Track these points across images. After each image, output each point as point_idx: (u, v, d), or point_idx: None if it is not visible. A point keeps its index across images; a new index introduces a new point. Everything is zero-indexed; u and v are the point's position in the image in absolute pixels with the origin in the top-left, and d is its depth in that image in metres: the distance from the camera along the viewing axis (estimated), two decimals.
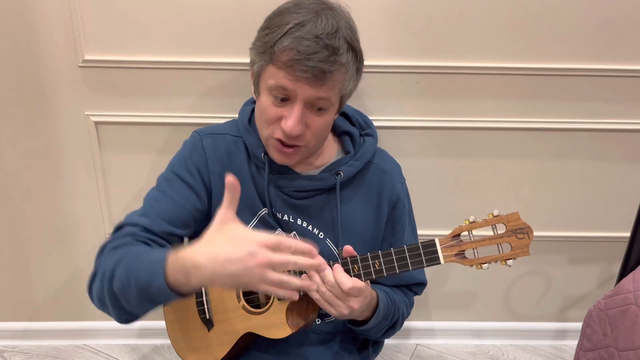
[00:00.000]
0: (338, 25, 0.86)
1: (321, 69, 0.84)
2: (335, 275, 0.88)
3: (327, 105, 0.90)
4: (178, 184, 1.00)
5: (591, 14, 1.23)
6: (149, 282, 0.78)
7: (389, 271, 0.90)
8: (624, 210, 1.44)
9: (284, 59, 0.84)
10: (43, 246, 1.50)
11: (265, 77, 0.90)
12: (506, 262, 0.85)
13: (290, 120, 0.88)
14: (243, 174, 1.02)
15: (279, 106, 0.90)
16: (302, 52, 0.83)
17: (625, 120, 1.35)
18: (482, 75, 1.29)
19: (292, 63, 0.84)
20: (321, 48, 0.83)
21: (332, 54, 0.84)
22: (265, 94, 0.91)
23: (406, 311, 1.10)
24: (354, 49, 0.89)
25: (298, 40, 0.83)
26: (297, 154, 0.95)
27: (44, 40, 1.23)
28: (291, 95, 0.88)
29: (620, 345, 1.13)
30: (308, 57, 0.83)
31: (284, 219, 1.03)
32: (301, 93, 0.87)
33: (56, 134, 1.35)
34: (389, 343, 1.64)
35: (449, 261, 0.86)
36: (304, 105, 0.88)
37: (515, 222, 0.85)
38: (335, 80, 0.87)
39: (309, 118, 0.90)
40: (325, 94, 0.88)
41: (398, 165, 1.12)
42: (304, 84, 0.85)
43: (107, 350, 1.61)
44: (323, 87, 0.86)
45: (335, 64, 0.85)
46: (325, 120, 0.93)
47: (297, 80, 0.85)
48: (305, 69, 0.83)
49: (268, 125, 0.92)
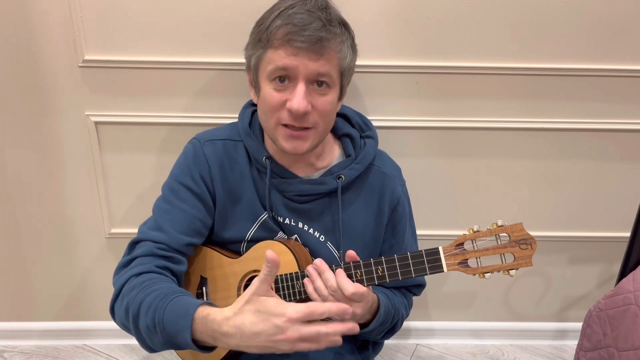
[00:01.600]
0: (327, 3, 0.90)
1: (318, 36, 0.85)
2: (338, 280, 0.88)
3: (329, 80, 0.90)
4: (185, 194, 1.00)
5: (591, 14, 1.23)
6: (175, 335, 0.79)
7: (392, 277, 0.90)
8: (624, 210, 1.44)
9: (280, 36, 0.86)
10: (43, 246, 1.50)
11: (263, 65, 0.90)
12: (509, 272, 0.86)
13: (295, 98, 0.88)
14: (244, 179, 1.02)
15: (281, 90, 0.90)
16: (297, 24, 0.85)
17: (625, 120, 1.35)
18: (482, 75, 1.29)
19: (289, 37, 0.85)
20: (315, 19, 0.86)
21: (326, 23, 0.86)
22: (266, 84, 0.91)
23: (405, 313, 1.10)
24: (346, 25, 0.91)
25: (291, 16, 0.85)
26: (308, 137, 0.93)
27: (44, 40, 1.24)
28: (292, 74, 0.88)
29: (620, 345, 1.13)
30: (304, 28, 0.85)
31: (285, 222, 1.03)
32: (302, 68, 0.87)
33: (56, 134, 1.35)
34: (389, 343, 1.64)
35: (452, 269, 0.87)
36: (305, 82, 0.89)
37: (519, 232, 0.85)
38: (332, 49, 0.88)
39: (313, 97, 0.90)
40: (325, 68, 0.88)
41: (398, 167, 1.12)
42: (303, 57, 0.86)
43: (107, 350, 1.61)
44: (322, 57, 0.87)
45: (330, 32, 0.87)
46: (329, 100, 0.92)
47: (296, 53, 0.86)
48: (302, 39, 0.85)
49: (273, 113, 0.92)
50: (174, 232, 0.96)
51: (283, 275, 0.96)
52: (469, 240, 0.86)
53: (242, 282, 1.01)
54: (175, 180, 1.02)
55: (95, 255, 1.51)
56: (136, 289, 0.87)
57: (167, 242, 0.95)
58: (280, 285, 0.96)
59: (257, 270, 1.00)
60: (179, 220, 0.98)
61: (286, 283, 0.96)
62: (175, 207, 0.99)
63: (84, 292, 1.57)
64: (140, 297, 0.85)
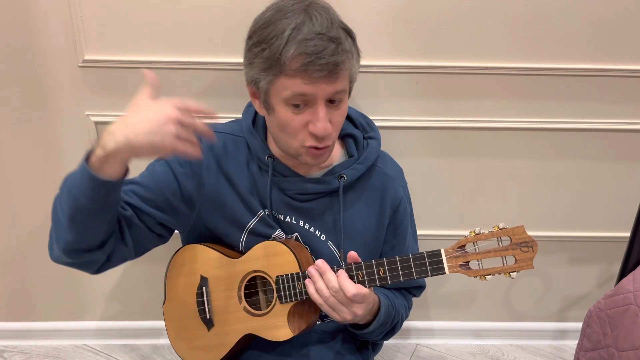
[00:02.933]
0: (330, 16, 0.87)
1: (334, 62, 0.84)
2: (340, 281, 0.88)
3: (343, 96, 0.91)
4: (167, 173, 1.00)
5: (591, 14, 1.23)
6: (74, 172, 0.86)
7: (393, 279, 0.90)
8: (624, 210, 1.44)
9: (296, 66, 0.84)
10: (43, 246, 1.50)
11: (277, 90, 0.88)
12: (510, 275, 0.86)
13: (320, 123, 0.88)
14: (241, 174, 1.02)
15: (300, 113, 0.89)
16: (312, 53, 0.83)
17: (625, 120, 1.35)
18: (482, 75, 1.29)
19: (305, 67, 0.83)
20: (327, 42, 0.84)
21: (337, 44, 0.85)
22: (281, 107, 0.89)
23: (405, 314, 1.11)
24: (348, 32, 0.90)
25: (303, 43, 0.83)
26: (327, 151, 0.95)
27: (44, 40, 1.23)
28: (311, 99, 0.87)
29: (620, 345, 1.13)
30: (319, 56, 0.83)
31: (286, 221, 1.03)
32: (321, 93, 0.86)
33: (56, 134, 1.35)
34: (388, 343, 1.64)
35: (454, 271, 0.87)
36: (325, 104, 0.88)
37: (520, 235, 0.85)
38: (347, 68, 0.88)
39: (331, 115, 0.90)
40: (341, 87, 0.88)
41: (400, 168, 1.12)
42: (321, 84, 0.85)
43: (107, 350, 1.61)
44: (338, 79, 0.87)
45: (343, 53, 0.85)
46: (343, 111, 0.93)
47: (314, 82, 0.85)
48: (320, 67, 0.83)
49: (295, 135, 0.91)
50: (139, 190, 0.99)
51: (284, 275, 0.96)
52: (471, 242, 0.87)
53: (242, 282, 1.01)
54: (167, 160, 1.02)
55: None
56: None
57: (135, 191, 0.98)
58: (281, 286, 0.96)
59: (258, 271, 0.99)
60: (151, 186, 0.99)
61: (287, 283, 0.96)
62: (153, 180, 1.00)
63: (84, 292, 1.57)
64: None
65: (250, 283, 1.02)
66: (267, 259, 0.98)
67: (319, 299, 0.90)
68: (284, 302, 0.97)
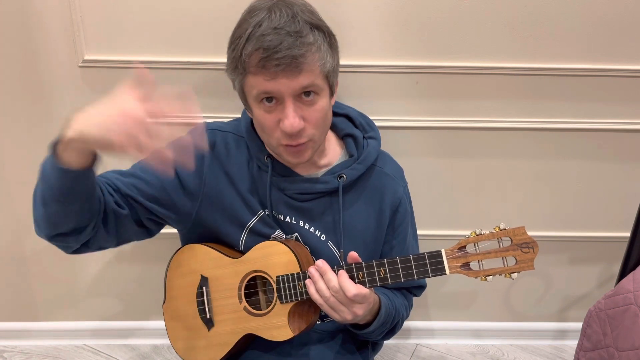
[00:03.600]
0: (293, 11, 0.85)
1: (291, 55, 0.83)
2: (340, 281, 0.88)
3: (315, 89, 0.88)
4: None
5: (591, 14, 1.23)
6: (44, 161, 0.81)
7: (394, 279, 0.90)
8: (624, 210, 1.44)
9: (254, 62, 0.84)
10: (43, 246, 1.50)
11: (247, 90, 0.89)
12: (510, 276, 0.86)
13: (287, 120, 0.87)
14: (242, 173, 1.02)
15: (272, 111, 0.89)
16: (268, 48, 0.82)
17: (625, 120, 1.35)
18: (482, 75, 1.29)
19: (263, 62, 0.83)
20: (284, 37, 0.83)
21: (297, 37, 0.83)
22: (255, 106, 0.90)
23: (405, 314, 1.11)
24: (318, 27, 0.88)
25: (260, 39, 0.83)
26: (307, 149, 0.94)
27: (44, 40, 1.23)
28: (277, 95, 0.87)
29: (620, 345, 1.13)
30: (275, 50, 0.82)
31: (286, 221, 1.03)
32: (284, 89, 0.86)
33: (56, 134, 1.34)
34: (388, 343, 1.64)
35: (454, 272, 0.87)
36: (293, 99, 0.87)
37: (521, 236, 0.85)
38: (310, 62, 0.86)
39: (304, 110, 0.89)
40: (307, 81, 0.86)
41: (400, 168, 1.12)
42: (282, 78, 0.84)
43: (107, 350, 1.61)
44: (301, 73, 0.85)
45: (303, 46, 0.84)
46: (320, 108, 0.91)
47: (274, 77, 0.84)
48: (277, 62, 0.82)
49: (271, 134, 0.91)
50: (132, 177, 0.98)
51: (284, 275, 0.96)
52: (472, 243, 0.87)
53: (242, 282, 1.01)
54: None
55: (95, 255, 1.51)
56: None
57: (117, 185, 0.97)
58: (281, 286, 0.96)
59: (258, 271, 1.00)
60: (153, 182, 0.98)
61: (287, 283, 0.96)
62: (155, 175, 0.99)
63: (84, 292, 1.57)
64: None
65: (250, 283, 1.02)
66: (267, 259, 0.98)
67: (319, 299, 0.90)
68: (284, 302, 0.97)
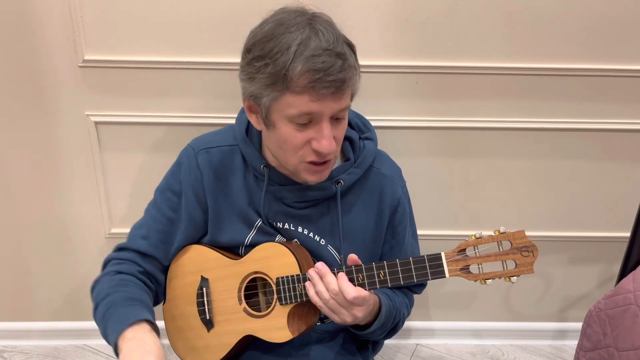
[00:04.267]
0: (334, 30, 0.85)
1: (341, 79, 0.82)
2: (340, 284, 0.88)
3: (347, 112, 0.90)
4: (175, 203, 1.03)
5: (591, 14, 1.23)
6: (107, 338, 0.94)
7: (394, 282, 0.90)
8: (624, 210, 1.44)
9: (304, 83, 0.81)
10: (43, 246, 1.50)
11: (281, 107, 0.85)
12: (510, 279, 0.86)
13: (326, 141, 0.86)
14: (238, 185, 1.02)
15: (304, 130, 0.87)
16: (320, 70, 0.80)
17: (625, 120, 1.35)
18: (482, 75, 1.29)
19: (313, 84, 0.81)
20: (335, 59, 0.81)
21: (344, 60, 0.83)
22: (284, 123, 0.87)
23: (406, 312, 1.10)
24: (351, 46, 0.88)
25: (311, 60, 0.80)
26: (329, 165, 0.94)
27: (44, 40, 1.23)
28: (316, 117, 0.86)
29: (620, 345, 1.13)
30: (327, 73, 0.80)
31: (285, 228, 1.03)
32: (327, 111, 0.85)
33: (56, 134, 1.35)
34: (389, 343, 1.64)
35: (454, 275, 0.87)
36: (330, 120, 0.87)
37: (521, 239, 0.85)
38: (352, 85, 0.87)
39: (334, 130, 0.89)
40: (345, 104, 0.87)
41: (398, 168, 1.12)
42: (328, 101, 0.84)
43: (107, 350, 1.61)
44: (343, 96, 0.85)
45: (349, 69, 0.84)
46: (344, 126, 0.93)
47: (321, 99, 0.83)
48: (328, 85, 0.81)
49: (296, 152, 0.90)
50: (158, 242, 1.03)
51: (284, 277, 0.96)
52: (471, 246, 0.87)
53: (242, 283, 1.01)
54: (166, 187, 1.04)
55: (95, 255, 1.51)
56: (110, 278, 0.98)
57: (148, 252, 1.02)
58: (281, 287, 0.96)
59: (258, 272, 0.99)
60: (163, 229, 1.03)
61: (287, 285, 0.95)
62: (164, 216, 1.03)
63: (84, 292, 1.56)
64: (106, 291, 0.95)
65: (250, 284, 1.02)
66: (267, 261, 0.98)
67: (319, 302, 0.90)
68: (284, 304, 0.97)
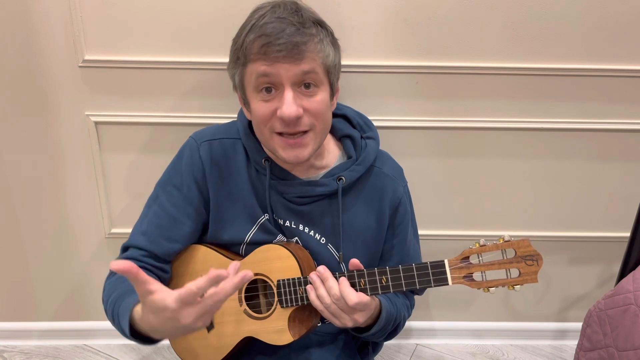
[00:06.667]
0: (296, 7, 0.88)
1: (293, 41, 0.84)
2: (341, 289, 0.88)
3: (315, 79, 0.88)
4: (177, 197, 1.01)
5: (591, 14, 1.23)
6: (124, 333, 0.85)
7: (396, 288, 0.89)
8: (624, 210, 1.44)
9: (256, 49, 0.85)
10: (43, 246, 1.50)
11: (247, 80, 0.90)
12: (514, 287, 0.86)
13: (285, 104, 0.86)
14: (241, 179, 1.02)
15: (269, 100, 0.88)
16: (270, 34, 0.84)
17: (625, 120, 1.35)
18: (482, 75, 1.29)
19: (264, 49, 0.84)
20: (287, 25, 0.84)
21: (300, 27, 0.85)
22: (253, 97, 0.90)
23: (407, 314, 1.10)
24: (321, 24, 0.90)
25: (263, 27, 0.85)
26: (307, 143, 0.92)
27: (44, 40, 1.23)
28: (276, 81, 0.87)
29: (620, 345, 1.13)
30: (277, 36, 0.83)
31: (286, 225, 1.03)
32: (284, 74, 0.86)
33: (56, 134, 1.35)
34: (389, 343, 1.64)
35: (457, 283, 0.86)
36: (291, 87, 0.87)
37: (525, 248, 0.85)
38: (312, 50, 0.86)
39: (303, 100, 0.88)
40: (307, 67, 0.86)
41: (400, 167, 1.12)
42: (283, 63, 0.85)
43: (107, 350, 1.61)
44: (302, 60, 0.85)
45: (305, 34, 0.85)
46: (320, 99, 0.90)
47: (275, 61, 0.85)
48: (278, 47, 0.83)
49: (265, 124, 0.90)
50: (159, 238, 1.00)
51: (286, 280, 0.96)
52: (475, 254, 0.86)
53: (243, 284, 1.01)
54: (168, 181, 1.03)
55: (95, 255, 1.51)
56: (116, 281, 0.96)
57: (150, 249, 0.99)
58: (282, 290, 0.96)
59: (259, 274, 0.99)
60: (165, 225, 1.01)
61: (289, 288, 0.95)
62: (165, 211, 1.01)
63: (84, 292, 1.57)
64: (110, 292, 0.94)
65: (251, 286, 1.02)
66: (268, 263, 0.98)
67: (320, 306, 0.90)
68: (284, 307, 0.97)
